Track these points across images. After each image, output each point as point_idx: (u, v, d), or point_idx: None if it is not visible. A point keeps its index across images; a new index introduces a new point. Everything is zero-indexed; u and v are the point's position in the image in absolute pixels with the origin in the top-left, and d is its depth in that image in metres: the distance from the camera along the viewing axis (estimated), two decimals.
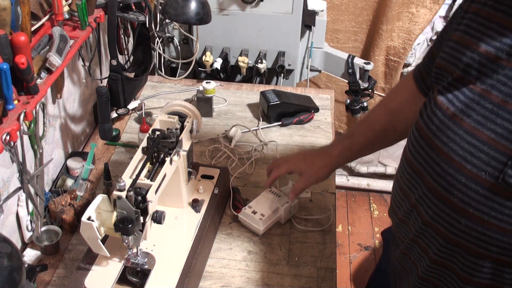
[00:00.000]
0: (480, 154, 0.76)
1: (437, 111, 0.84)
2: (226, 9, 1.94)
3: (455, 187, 0.80)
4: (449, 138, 0.80)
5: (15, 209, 1.29)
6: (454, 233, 0.82)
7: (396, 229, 1.00)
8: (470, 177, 0.78)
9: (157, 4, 1.91)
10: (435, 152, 0.83)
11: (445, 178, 0.81)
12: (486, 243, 0.79)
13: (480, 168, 0.76)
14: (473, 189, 0.78)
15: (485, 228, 0.78)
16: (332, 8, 2.30)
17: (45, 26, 1.26)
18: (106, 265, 1.16)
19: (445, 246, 0.85)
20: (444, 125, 0.82)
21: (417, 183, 0.88)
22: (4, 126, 1.05)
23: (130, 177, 1.09)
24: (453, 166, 0.79)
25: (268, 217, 1.37)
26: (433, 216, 0.85)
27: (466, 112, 0.79)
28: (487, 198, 0.77)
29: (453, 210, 0.81)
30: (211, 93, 1.77)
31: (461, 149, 0.78)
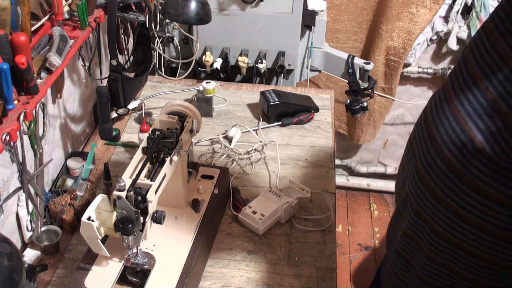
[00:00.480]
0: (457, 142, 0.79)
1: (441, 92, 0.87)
2: (226, 9, 1.94)
3: (433, 171, 0.83)
4: (440, 121, 0.83)
5: (15, 209, 1.29)
6: (428, 215, 0.86)
7: (396, 195, 1.04)
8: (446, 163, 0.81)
9: (157, 4, 1.91)
10: (428, 134, 0.86)
11: (428, 161, 0.84)
12: (453, 229, 0.84)
13: (454, 155, 0.79)
14: (448, 176, 0.81)
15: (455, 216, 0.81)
16: (332, 8, 2.30)
17: (45, 26, 1.26)
18: (106, 265, 1.16)
19: (419, 223, 0.89)
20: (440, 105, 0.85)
21: (410, 163, 0.91)
22: (4, 126, 1.05)
23: (130, 177, 1.09)
24: (435, 149, 0.83)
25: (268, 217, 1.37)
26: (414, 195, 0.88)
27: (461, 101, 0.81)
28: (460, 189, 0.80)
29: (430, 193, 0.84)
30: (211, 93, 1.77)
31: (445, 133, 0.82)
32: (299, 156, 1.63)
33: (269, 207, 1.39)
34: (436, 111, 0.86)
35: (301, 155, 1.64)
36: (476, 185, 0.77)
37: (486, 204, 0.78)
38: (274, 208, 1.38)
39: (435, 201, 0.83)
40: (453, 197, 0.80)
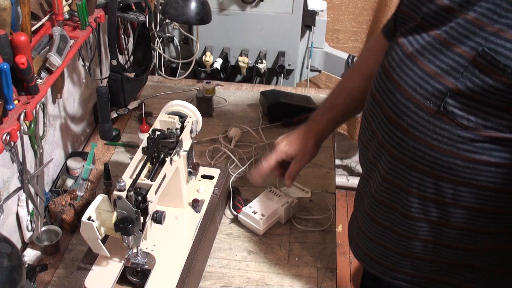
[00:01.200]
0: (426, 86, 0.90)
1: (398, 50, 0.97)
2: (226, 9, 1.94)
3: (405, 114, 0.93)
4: (404, 72, 0.94)
5: (15, 209, 1.29)
6: (403, 153, 0.95)
7: (360, 154, 1.12)
8: (418, 105, 0.91)
9: (157, 4, 1.91)
10: (393, 84, 0.96)
11: (398, 106, 0.94)
12: (429, 162, 0.93)
13: (426, 98, 0.90)
14: (420, 115, 0.91)
15: (429, 149, 0.92)
16: (332, 8, 2.30)
17: (45, 26, 1.26)
18: (106, 265, 1.16)
19: (395, 164, 0.97)
20: (402, 61, 0.95)
21: (377, 112, 1.00)
22: (4, 126, 1.05)
23: (130, 177, 1.09)
24: (405, 96, 0.93)
25: (268, 217, 1.37)
26: (387, 139, 0.98)
27: (421, 52, 0.92)
28: (431, 123, 0.90)
29: (403, 133, 0.94)
30: (211, 93, 1.77)
31: (413, 81, 0.92)
32: None
33: (269, 207, 1.39)
34: (395, 62, 0.96)
35: None
36: (449, 118, 0.88)
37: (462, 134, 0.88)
38: (274, 208, 1.38)
39: (417, 144, 0.92)
40: (430, 134, 0.91)
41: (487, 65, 0.83)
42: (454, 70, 0.87)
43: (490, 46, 0.82)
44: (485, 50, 0.83)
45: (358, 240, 1.14)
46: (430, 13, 0.92)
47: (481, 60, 0.83)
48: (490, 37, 0.82)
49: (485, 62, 0.83)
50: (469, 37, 0.85)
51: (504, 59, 0.81)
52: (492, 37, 0.82)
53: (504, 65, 0.81)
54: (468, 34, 0.86)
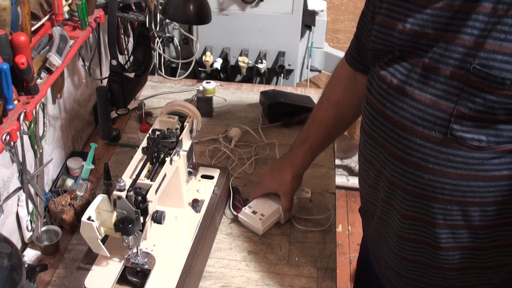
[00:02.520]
0: (427, 116, 0.87)
1: (382, 85, 0.94)
2: (226, 9, 1.94)
3: (412, 149, 0.90)
4: (397, 106, 0.91)
5: (15, 209, 1.29)
6: (420, 188, 0.92)
7: (368, 196, 1.09)
8: (424, 137, 0.88)
9: (157, 4, 1.91)
10: (388, 121, 0.93)
11: (403, 143, 0.91)
12: (450, 190, 0.90)
13: (430, 128, 0.87)
14: (428, 146, 0.88)
15: (446, 178, 0.89)
16: (332, 8, 2.30)
17: (45, 26, 1.26)
18: (106, 265, 1.16)
19: (414, 200, 0.94)
20: (390, 95, 0.92)
21: (378, 151, 0.98)
22: (4, 126, 1.05)
23: (130, 177, 1.09)
24: (407, 131, 0.90)
25: (268, 217, 1.37)
26: (398, 176, 0.95)
27: (407, 82, 0.89)
28: (442, 152, 0.87)
29: (416, 168, 0.91)
30: (211, 93, 1.77)
31: (410, 114, 0.89)
32: None
33: (269, 207, 1.39)
34: (384, 98, 0.93)
35: None
36: (460, 143, 0.85)
37: (476, 156, 0.86)
38: (274, 208, 1.38)
39: (433, 176, 0.90)
40: (444, 163, 0.88)
41: (483, 82, 0.80)
42: (450, 94, 0.84)
43: (480, 62, 0.80)
44: (476, 67, 0.80)
45: (393, 279, 1.10)
46: (405, 43, 0.90)
47: (476, 78, 0.81)
48: (478, 53, 0.80)
49: (481, 80, 0.80)
50: (454, 57, 0.83)
51: (499, 72, 0.78)
52: (480, 53, 0.80)
53: (502, 78, 0.78)
54: (452, 55, 0.83)
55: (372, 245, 1.16)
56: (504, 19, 0.78)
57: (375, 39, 0.97)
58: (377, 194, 1.03)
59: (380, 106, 0.94)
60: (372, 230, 1.12)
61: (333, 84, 1.28)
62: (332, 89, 1.28)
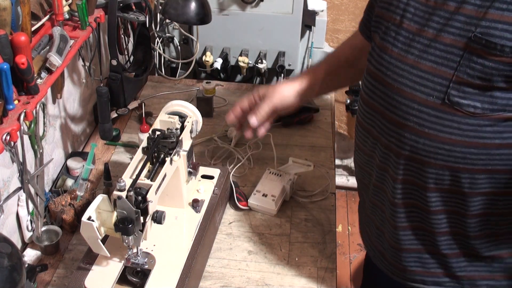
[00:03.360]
0: (426, 82, 0.90)
1: (383, 54, 0.97)
2: (226, 9, 1.94)
3: (410, 114, 0.92)
4: (397, 74, 0.93)
5: (15, 209, 1.29)
6: (415, 152, 0.95)
7: (364, 165, 1.13)
8: (421, 103, 0.91)
9: (157, 4, 1.91)
10: (388, 88, 0.95)
11: (400, 108, 0.94)
12: (442, 155, 0.92)
13: (428, 94, 0.90)
14: (425, 111, 0.91)
15: (440, 143, 0.91)
16: (332, 8, 2.30)
17: (45, 26, 1.26)
18: (106, 265, 1.16)
19: (408, 164, 0.97)
20: (391, 64, 0.94)
21: (376, 119, 1.00)
22: (4, 126, 1.05)
23: (130, 177, 1.09)
24: (405, 97, 0.92)
25: (278, 197, 1.43)
26: (394, 141, 0.97)
27: (408, 50, 0.92)
28: (438, 117, 0.90)
29: (411, 133, 0.93)
30: (211, 93, 1.77)
31: (410, 81, 0.91)
32: (299, 156, 1.63)
33: (276, 187, 1.45)
34: (384, 67, 0.96)
35: (301, 155, 1.64)
36: (456, 109, 0.88)
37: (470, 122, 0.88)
38: (280, 187, 1.44)
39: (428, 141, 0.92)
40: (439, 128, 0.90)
41: (483, 49, 0.83)
42: (450, 61, 0.87)
43: (482, 31, 0.82)
44: (477, 35, 0.83)
45: (387, 253, 1.12)
46: (409, 10, 0.93)
47: (476, 45, 0.83)
48: (480, 22, 0.83)
49: (481, 47, 0.83)
50: (456, 26, 0.86)
51: (499, 39, 0.81)
52: (482, 22, 0.83)
53: (501, 45, 0.81)
54: (454, 24, 0.86)
55: (366, 221, 1.18)
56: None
57: (383, 5, 1.00)
58: (372, 161, 1.07)
59: (380, 74, 0.97)
60: (368, 202, 1.14)
61: (347, 43, 1.31)
62: (341, 48, 1.32)
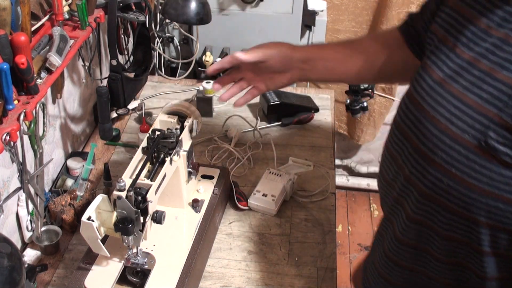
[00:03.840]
0: (465, 117, 0.80)
1: (426, 76, 0.87)
2: (226, 9, 1.94)
3: (439, 148, 0.83)
4: (436, 101, 0.84)
5: (15, 209, 1.29)
6: (435, 191, 0.85)
7: (382, 191, 1.03)
8: (454, 139, 0.81)
9: (157, 4, 1.91)
10: (422, 114, 0.86)
11: (431, 139, 0.84)
12: (465, 203, 0.82)
13: (464, 130, 0.80)
14: (456, 149, 0.81)
15: (466, 189, 0.81)
16: (332, 8, 2.30)
17: (45, 26, 1.26)
18: (106, 265, 1.16)
19: (425, 203, 0.88)
20: (432, 89, 0.85)
21: (403, 145, 0.92)
22: (4, 126, 1.05)
23: (130, 177, 1.09)
24: (438, 128, 0.83)
25: (278, 197, 1.43)
26: (417, 174, 0.88)
27: (454, 78, 0.82)
28: (469, 159, 0.80)
29: (436, 169, 0.84)
30: (211, 93, 1.77)
31: (447, 112, 0.82)
32: (299, 156, 1.63)
33: (275, 187, 1.44)
34: (425, 91, 0.87)
35: (301, 155, 1.64)
36: (491, 155, 0.78)
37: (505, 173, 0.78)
38: (280, 187, 1.44)
39: (452, 182, 0.82)
40: (468, 172, 0.80)
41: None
42: (496, 99, 0.76)
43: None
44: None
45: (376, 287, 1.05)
46: (465, 33, 0.83)
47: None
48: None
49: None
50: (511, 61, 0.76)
51: None
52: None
53: None
54: (510, 58, 0.76)
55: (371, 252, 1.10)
56: None
57: (440, 22, 0.90)
58: (391, 192, 0.98)
59: (418, 98, 0.88)
60: (376, 233, 1.07)
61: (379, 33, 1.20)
62: (367, 40, 1.21)
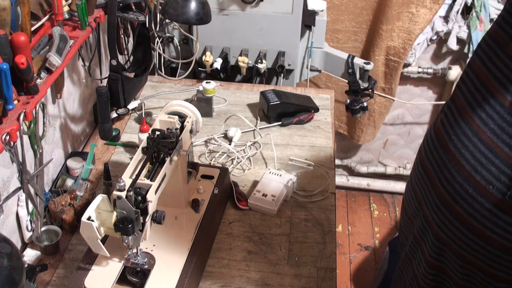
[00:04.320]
0: (490, 167, 0.73)
1: (457, 114, 0.79)
2: (226, 9, 1.94)
3: (461, 197, 0.77)
4: (462, 143, 0.77)
5: (15, 209, 1.29)
6: (456, 242, 0.80)
7: (403, 224, 0.99)
8: (478, 189, 0.75)
9: (157, 4, 1.90)
10: (447, 156, 0.79)
11: (453, 186, 0.78)
12: (485, 257, 0.78)
13: (488, 181, 0.73)
14: (479, 202, 0.75)
15: (487, 243, 0.76)
16: (332, 8, 2.30)
17: (45, 26, 1.26)
18: (106, 265, 1.16)
19: (442, 249, 0.83)
20: (461, 128, 0.78)
21: (426, 186, 0.85)
22: (4, 126, 1.05)
23: (130, 177, 1.09)
24: (462, 175, 0.76)
25: (278, 197, 1.43)
26: (436, 219, 0.83)
27: (484, 121, 0.75)
28: (492, 214, 0.74)
29: (457, 219, 0.78)
30: (211, 93, 1.77)
31: (473, 157, 0.75)
32: (299, 156, 1.63)
33: (276, 187, 1.44)
34: (452, 128, 0.79)
35: (301, 155, 1.64)
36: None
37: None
38: (281, 187, 1.44)
39: (473, 235, 0.77)
40: (490, 226, 0.75)
41: None
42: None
43: None
44: None
45: None
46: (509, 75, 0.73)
47: None
48: None
49: None
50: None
51: None
52: None
53: None
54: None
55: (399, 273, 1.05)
56: None
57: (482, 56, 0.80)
58: (412, 228, 0.92)
59: (445, 135, 0.80)
60: (397, 269, 1.01)
61: None
62: None
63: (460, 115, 0.78)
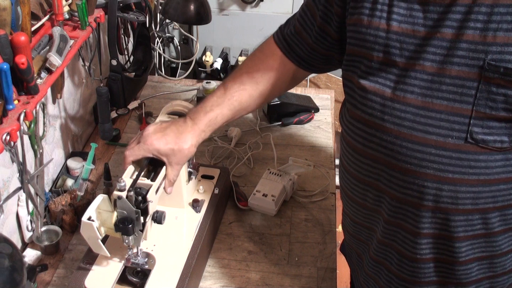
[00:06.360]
0: (440, 123, 0.78)
1: (373, 97, 0.84)
2: (226, 9, 1.94)
3: (427, 160, 0.81)
4: (399, 117, 0.81)
5: (15, 209, 1.29)
6: (438, 201, 0.83)
7: (363, 220, 0.98)
8: (440, 146, 0.79)
9: (157, 4, 1.91)
10: (389, 135, 0.83)
11: (414, 155, 0.82)
12: (472, 199, 0.82)
13: (446, 135, 0.78)
14: (446, 155, 0.80)
15: (469, 186, 0.80)
16: None
17: (45, 26, 1.26)
18: (106, 265, 1.16)
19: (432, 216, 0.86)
20: (387, 107, 0.82)
21: (378, 169, 0.88)
22: (4, 126, 1.05)
23: (131, 177, 1.09)
24: (417, 142, 0.81)
25: (278, 197, 1.42)
26: (411, 193, 0.85)
27: (405, 89, 0.80)
28: (462, 159, 0.79)
29: (433, 181, 0.82)
30: None
31: (418, 124, 0.80)
32: (299, 156, 1.63)
33: (275, 187, 1.44)
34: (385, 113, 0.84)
35: (301, 155, 1.64)
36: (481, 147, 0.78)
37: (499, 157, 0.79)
38: (280, 187, 1.44)
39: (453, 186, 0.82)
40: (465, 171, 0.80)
41: (502, 77, 0.73)
42: (463, 95, 0.76)
43: (495, 57, 0.73)
44: (491, 63, 0.73)
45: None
46: (392, 44, 0.80)
47: (492, 74, 0.74)
48: (489, 48, 0.73)
49: (499, 75, 0.73)
50: (460, 55, 0.75)
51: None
52: (492, 47, 0.73)
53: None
54: (457, 53, 0.76)
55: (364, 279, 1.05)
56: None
57: (354, 42, 0.87)
58: (377, 217, 0.94)
59: (375, 120, 0.85)
60: (368, 260, 1.02)
61: (259, 59, 1.14)
62: (255, 64, 1.13)
63: (381, 97, 0.83)
